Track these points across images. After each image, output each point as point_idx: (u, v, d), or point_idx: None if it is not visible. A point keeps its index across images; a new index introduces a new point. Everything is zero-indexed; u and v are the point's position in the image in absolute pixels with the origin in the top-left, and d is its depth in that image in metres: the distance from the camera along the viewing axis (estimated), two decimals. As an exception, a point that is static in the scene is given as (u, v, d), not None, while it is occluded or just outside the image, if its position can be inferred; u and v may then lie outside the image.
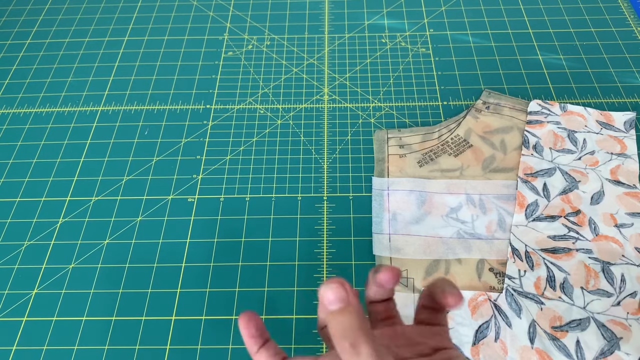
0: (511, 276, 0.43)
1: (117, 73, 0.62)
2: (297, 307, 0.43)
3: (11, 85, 0.61)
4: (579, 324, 0.40)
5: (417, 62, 0.61)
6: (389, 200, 0.48)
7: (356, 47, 0.63)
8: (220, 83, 0.60)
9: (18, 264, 0.46)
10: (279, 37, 0.65)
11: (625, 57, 0.60)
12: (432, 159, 0.51)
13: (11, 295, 0.45)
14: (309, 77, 0.60)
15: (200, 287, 0.44)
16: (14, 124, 0.57)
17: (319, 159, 0.53)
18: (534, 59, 0.61)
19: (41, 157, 0.54)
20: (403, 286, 0.43)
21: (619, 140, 0.51)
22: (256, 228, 0.48)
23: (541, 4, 0.67)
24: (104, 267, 0.46)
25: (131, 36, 0.66)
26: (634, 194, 0.47)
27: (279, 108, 0.57)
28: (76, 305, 0.44)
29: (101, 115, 0.57)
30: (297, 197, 0.50)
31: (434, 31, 0.65)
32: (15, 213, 0.50)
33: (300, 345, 0.41)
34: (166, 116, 0.57)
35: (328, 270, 0.45)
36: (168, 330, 0.42)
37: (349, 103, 0.57)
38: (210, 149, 0.54)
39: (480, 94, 0.57)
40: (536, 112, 0.54)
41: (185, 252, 0.47)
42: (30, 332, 0.43)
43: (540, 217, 0.46)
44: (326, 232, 0.47)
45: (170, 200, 0.50)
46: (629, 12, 0.66)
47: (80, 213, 0.49)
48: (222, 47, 0.64)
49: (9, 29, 0.68)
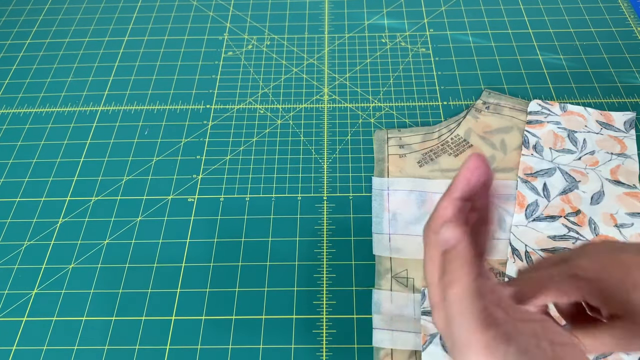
0: (511, 276, 0.43)
1: (117, 73, 0.62)
2: (297, 307, 0.43)
3: (11, 85, 0.61)
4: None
5: (417, 62, 0.61)
6: (389, 200, 0.48)
7: (356, 47, 0.63)
8: (220, 83, 0.60)
9: (18, 264, 0.46)
10: (279, 37, 0.65)
11: (625, 57, 0.60)
12: (432, 159, 0.51)
13: (11, 295, 0.45)
14: (309, 77, 0.60)
15: (200, 287, 0.44)
16: (14, 124, 0.57)
17: (319, 159, 0.53)
18: (534, 59, 0.61)
19: (41, 157, 0.54)
20: (403, 286, 0.43)
21: (619, 140, 0.51)
22: (256, 228, 0.48)
23: (541, 4, 0.67)
24: (104, 267, 0.46)
25: (131, 36, 0.66)
26: (634, 194, 0.47)
27: (279, 108, 0.57)
28: (76, 305, 0.44)
29: (101, 115, 0.57)
30: (297, 197, 0.50)
31: (434, 31, 0.65)
32: (15, 213, 0.50)
33: (301, 345, 0.41)
34: (166, 116, 0.57)
35: (328, 270, 0.45)
36: (168, 330, 0.42)
37: (349, 103, 0.57)
38: (210, 149, 0.54)
39: (480, 94, 0.57)
40: (536, 112, 0.54)
41: (185, 252, 0.47)
42: (30, 332, 0.43)
43: (540, 217, 0.46)
44: (326, 232, 0.47)
45: (170, 200, 0.50)
46: (629, 12, 0.66)
47: (80, 213, 0.49)
48: (222, 47, 0.64)
49: (9, 29, 0.68)
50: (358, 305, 0.43)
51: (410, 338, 0.40)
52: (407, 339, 0.40)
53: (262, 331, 0.42)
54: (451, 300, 0.21)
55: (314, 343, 0.41)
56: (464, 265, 0.21)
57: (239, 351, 0.41)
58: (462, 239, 0.21)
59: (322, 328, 0.42)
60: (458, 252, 0.21)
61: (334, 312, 0.43)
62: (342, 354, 0.40)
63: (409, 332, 0.41)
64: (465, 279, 0.21)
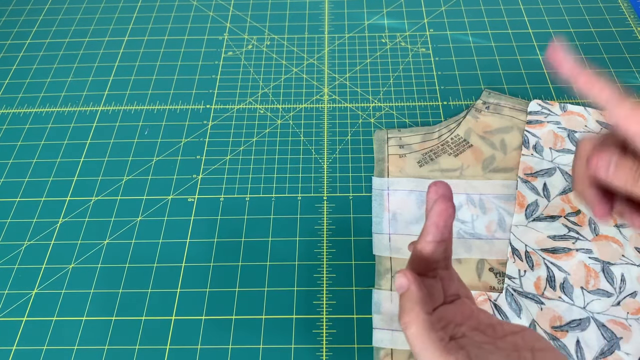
0: (511, 276, 0.43)
1: (117, 73, 0.62)
2: (297, 307, 0.43)
3: (11, 85, 0.61)
4: (579, 324, 0.40)
5: (417, 62, 0.61)
6: (389, 200, 0.48)
7: (356, 47, 0.63)
8: (220, 83, 0.60)
9: (18, 264, 0.46)
10: (279, 37, 0.65)
11: (625, 57, 0.60)
12: (432, 158, 0.51)
13: (11, 295, 0.45)
14: (309, 77, 0.60)
15: (200, 287, 0.44)
16: (14, 124, 0.57)
17: (319, 159, 0.53)
18: (534, 59, 0.61)
19: (41, 157, 0.54)
20: (403, 286, 0.43)
21: (619, 140, 0.51)
22: (256, 228, 0.48)
23: (541, 4, 0.67)
24: (104, 267, 0.46)
25: (131, 36, 0.66)
26: (634, 194, 0.47)
27: (279, 108, 0.57)
28: (76, 305, 0.44)
29: (101, 115, 0.57)
30: (297, 197, 0.50)
31: (434, 31, 0.65)
32: (15, 213, 0.50)
33: (301, 345, 0.41)
34: (166, 116, 0.57)
35: (328, 270, 0.45)
36: (168, 330, 0.42)
37: (349, 103, 0.57)
38: (210, 149, 0.54)
39: (480, 94, 0.57)
40: (536, 112, 0.54)
41: (185, 252, 0.47)
42: (30, 332, 0.43)
43: (540, 217, 0.46)
44: (326, 232, 0.47)
45: (170, 200, 0.50)
46: (629, 12, 0.66)
47: (80, 213, 0.49)
48: (222, 47, 0.64)
49: (9, 29, 0.68)
50: (358, 305, 0.43)
51: (410, 338, 0.40)
52: (407, 339, 0.40)
53: (262, 331, 0.42)
54: (411, 340, 0.23)
55: (314, 343, 0.41)
56: (415, 305, 0.23)
57: (239, 351, 0.41)
58: (412, 282, 0.24)
59: (322, 328, 0.42)
60: (409, 294, 0.24)
61: (334, 312, 0.43)
62: (342, 354, 0.40)
63: (409, 332, 0.41)
64: (418, 317, 0.23)
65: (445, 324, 0.24)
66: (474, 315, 0.25)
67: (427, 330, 0.23)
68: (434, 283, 0.26)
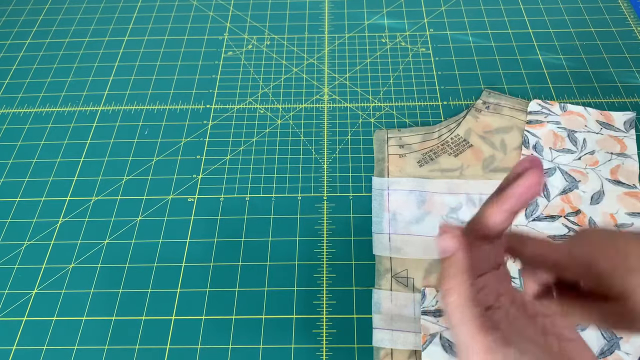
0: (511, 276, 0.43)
1: (117, 73, 0.62)
2: (297, 307, 0.43)
3: (11, 85, 0.61)
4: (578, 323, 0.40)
5: (417, 62, 0.61)
6: (389, 200, 0.48)
7: (356, 47, 0.63)
8: (220, 83, 0.60)
9: (18, 264, 0.46)
10: (279, 37, 0.65)
11: (625, 57, 0.60)
12: (432, 158, 0.51)
13: (11, 295, 0.45)
14: (309, 77, 0.60)
15: (200, 287, 0.44)
16: (14, 124, 0.57)
17: (319, 159, 0.53)
18: (534, 59, 0.61)
19: (41, 157, 0.54)
20: (403, 286, 0.43)
21: (619, 140, 0.51)
22: (256, 228, 0.48)
23: (541, 4, 0.67)
24: (104, 267, 0.46)
25: (131, 36, 0.66)
26: (634, 194, 0.47)
27: (279, 108, 0.57)
28: (76, 305, 0.44)
29: (101, 115, 0.57)
30: (297, 197, 0.50)
31: (434, 31, 0.65)
32: (15, 213, 0.50)
33: (301, 345, 0.41)
34: (166, 116, 0.57)
35: (328, 270, 0.45)
36: (168, 330, 0.42)
37: (349, 103, 0.57)
38: (210, 149, 0.54)
39: (480, 93, 0.57)
40: (536, 112, 0.54)
41: (185, 252, 0.47)
42: (30, 332, 0.43)
43: (540, 217, 0.46)
44: (326, 232, 0.47)
45: (170, 200, 0.50)
46: (629, 12, 0.66)
47: (80, 213, 0.49)
48: (222, 47, 0.64)
49: (9, 29, 0.68)
50: (358, 305, 0.43)
51: (410, 338, 0.40)
52: (407, 338, 0.40)
53: (262, 331, 0.42)
54: (450, 310, 0.21)
55: (314, 343, 0.41)
56: (460, 273, 0.21)
57: (239, 351, 0.41)
58: (461, 249, 0.22)
59: (322, 328, 0.42)
60: (455, 260, 0.22)
61: (334, 312, 0.43)
62: (342, 354, 0.40)
63: (408, 331, 0.41)
64: (461, 287, 0.21)
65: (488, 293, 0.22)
66: (511, 287, 0.23)
67: (468, 301, 0.21)
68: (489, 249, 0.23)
